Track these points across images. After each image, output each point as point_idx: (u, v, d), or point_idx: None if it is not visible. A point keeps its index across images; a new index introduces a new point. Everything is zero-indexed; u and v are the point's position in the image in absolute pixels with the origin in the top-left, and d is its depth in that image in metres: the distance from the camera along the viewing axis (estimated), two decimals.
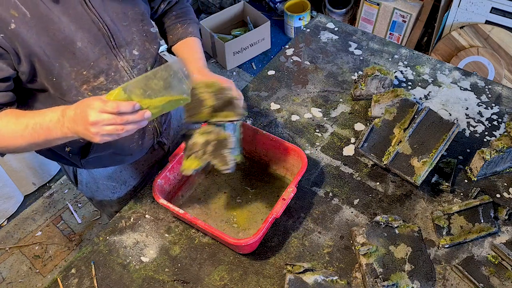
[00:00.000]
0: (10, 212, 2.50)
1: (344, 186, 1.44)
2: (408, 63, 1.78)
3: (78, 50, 1.10)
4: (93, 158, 1.32)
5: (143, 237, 1.35)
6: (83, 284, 1.27)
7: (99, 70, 1.15)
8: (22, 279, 2.28)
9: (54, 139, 1.02)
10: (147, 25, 1.24)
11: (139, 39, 1.22)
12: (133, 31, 1.21)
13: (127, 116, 0.94)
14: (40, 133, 1.01)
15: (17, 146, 1.06)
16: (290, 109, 1.66)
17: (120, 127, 0.95)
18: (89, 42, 1.11)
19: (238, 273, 1.27)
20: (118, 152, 1.33)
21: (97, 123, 0.93)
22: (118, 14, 1.17)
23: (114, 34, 1.15)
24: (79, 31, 1.09)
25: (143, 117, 0.97)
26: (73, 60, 1.10)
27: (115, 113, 0.93)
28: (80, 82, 1.13)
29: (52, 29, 1.05)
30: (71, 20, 1.08)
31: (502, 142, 1.36)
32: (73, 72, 1.11)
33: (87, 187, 1.48)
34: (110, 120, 0.93)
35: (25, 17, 1.02)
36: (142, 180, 1.55)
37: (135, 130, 0.99)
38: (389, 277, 1.20)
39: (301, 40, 1.89)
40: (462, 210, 1.32)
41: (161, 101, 1.00)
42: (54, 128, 0.99)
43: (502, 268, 1.24)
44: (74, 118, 0.96)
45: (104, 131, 0.94)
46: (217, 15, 3.20)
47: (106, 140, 0.96)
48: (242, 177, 1.47)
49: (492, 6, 2.56)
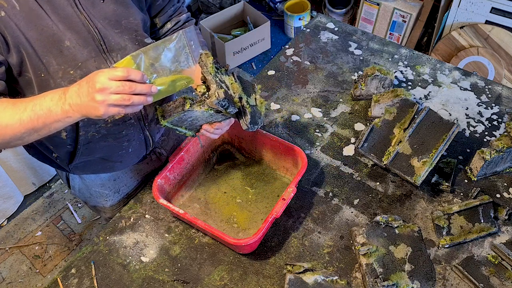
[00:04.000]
0: (10, 212, 2.50)
1: (344, 186, 1.44)
2: (408, 63, 1.78)
3: (66, 49, 1.08)
4: (81, 163, 1.29)
5: (143, 237, 1.35)
6: (83, 284, 1.27)
7: (87, 72, 1.11)
8: (22, 279, 2.28)
9: (54, 121, 0.98)
10: (141, 36, 1.21)
11: (132, 47, 1.19)
12: (125, 38, 1.18)
13: (136, 85, 0.92)
14: (40, 114, 0.96)
15: (13, 134, 1.00)
16: (290, 109, 1.66)
17: (127, 97, 0.91)
18: (77, 43, 1.10)
19: (238, 273, 1.27)
20: (106, 158, 1.30)
21: (104, 89, 0.90)
22: (110, 21, 1.15)
23: (105, 38, 1.13)
24: (67, 31, 1.08)
25: (150, 89, 0.94)
26: (60, 58, 1.08)
27: (124, 79, 0.91)
28: (67, 82, 1.10)
29: (40, 24, 1.04)
30: (60, 20, 1.07)
31: (502, 142, 1.36)
32: (60, 71, 1.09)
33: (80, 192, 1.47)
34: (118, 87, 0.90)
35: (14, 9, 1.01)
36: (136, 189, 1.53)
37: (140, 108, 0.97)
38: (389, 277, 1.20)
39: (301, 40, 1.89)
40: (462, 210, 1.32)
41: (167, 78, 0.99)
42: (54, 107, 0.96)
43: (502, 268, 1.24)
44: (78, 92, 0.93)
45: (111, 100, 0.91)
46: (217, 15, 3.20)
47: (111, 112, 0.93)
48: (242, 177, 1.47)
49: (492, 6, 2.56)
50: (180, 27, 1.36)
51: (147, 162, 1.48)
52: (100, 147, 1.25)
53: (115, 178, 1.45)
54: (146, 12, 1.26)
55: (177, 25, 1.35)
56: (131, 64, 0.96)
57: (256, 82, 1.75)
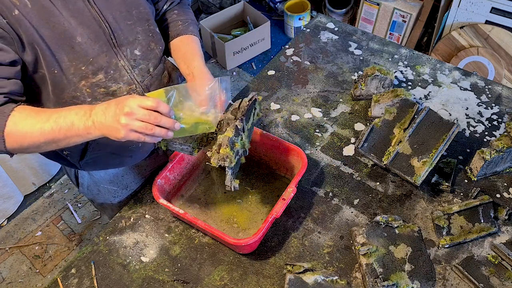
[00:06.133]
0: (10, 212, 2.50)
1: (344, 186, 1.44)
2: (408, 63, 1.78)
3: (78, 45, 1.09)
4: (92, 159, 1.31)
5: (143, 237, 1.35)
6: (83, 284, 1.27)
7: (98, 67, 1.14)
8: (22, 279, 2.28)
9: (75, 135, 1.00)
10: (152, 25, 1.24)
11: (144, 39, 1.22)
12: (138, 30, 1.20)
13: (161, 117, 0.96)
14: (62, 126, 0.99)
15: (32, 142, 1.02)
16: (290, 109, 1.66)
17: (150, 126, 0.95)
18: (89, 38, 1.11)
19: (238, 273, 1.27)
20: (116, 152, 1.32)
21: (131, 114, 0.93)
22: (122, 12, 1.16)
23: (115, 32, 1.15)
24: (79, 26, 1.09)
25: (173, 125, 0.98)
26: (72, 54, 1.09)
27: (152, 109, 0.94)
28: (78, 78, 1.12)
29: (52, 21, 1.05)
30: (72, 15, 1.08)
31: (502, 142, 1.36)
32: (72, 67, 1.10)
33: (88, 189, 1.48)
34: (145, 116, 0.94)
35: (26, 7, 1.02)
36: (144, 185, 1.54)
37: (159, 139, 1.00)
38: (389, 277, 1.20)
39: (301, 40, 1.89)
40: (462, 210, 1.32)
41: (192, 119, 1.03)
42: (78, 121, 0.98)
43: (502, 268, 1.24)
44: (105, 111, 0.96)
45: (134, 126, 0.94)
46: (217, 15, 3.20)
47: (130, 137, 0.96)
48: (242, 177, 1.47)
49: (492, 6, 2.56)
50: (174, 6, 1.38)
51: (154, 157, 1.49)
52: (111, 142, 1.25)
53: (123, 174, 1.47)
54: (151, 1, 1.28)
55: (172, 5, 1.37)
56: (162, 97, 1.00)
57: (256, 82, 1.75)
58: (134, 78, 1.21)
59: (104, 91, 1.17)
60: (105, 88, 1.17)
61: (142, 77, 1.23)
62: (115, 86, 1.18)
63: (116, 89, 1.19)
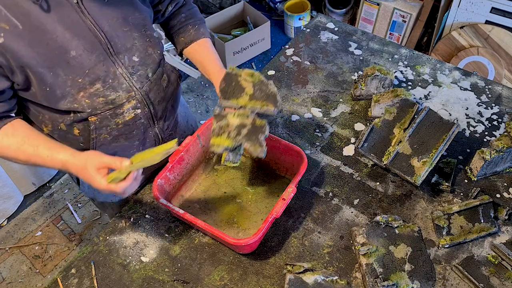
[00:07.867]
0: (10, 212, 2.50)
1: (344, 186, 1.44)
2: (408, 63, 1.78)
3: (72, 59, 1.10)
4: None
5: (143, 237, 1.35)
6: (83, 284, 1.27)
7: (95, 77, 1.14)
8: (22, 279, 2.28)
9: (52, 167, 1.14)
10: (149, 30, 1.24)
11: (141, 44, 1.22)
12: (134, 36, 1.20)
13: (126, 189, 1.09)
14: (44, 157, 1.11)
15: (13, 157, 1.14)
16: (290, 109, 1.66)
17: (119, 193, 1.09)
18: (84, 49, 1.11)
19: (238, 273, 1.27)
20: (117, 153, 1.32)
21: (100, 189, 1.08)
22: (117, 19, 1.15)
23: (112, 41, 1.15)
24: (74, 39, 1.09)
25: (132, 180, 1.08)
26: (68, 69, 1.10)
27: None
28: (76, 90, 1.13)
29: (45, 39, 1.05)
30: (66, 28, 1.07)
31: (502, 142, 1.36)
32: (69, 80, 1.11)
33: (89, 188, 1.48)
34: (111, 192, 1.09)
35: (17, 28, 1.02)
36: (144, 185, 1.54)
37: None
38: (389, 277, 1.20)
39: (301, 40, 1.89)
40: (462, 210, 1.32)
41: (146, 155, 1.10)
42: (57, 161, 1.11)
43: (502, 268, 1.24)
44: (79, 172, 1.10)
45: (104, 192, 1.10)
46: (217, 15, 3.20)
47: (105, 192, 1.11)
48: (242, 177, 1.47)
49: (492, 6, 2.56)
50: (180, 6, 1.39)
51: None
52: (112, 148, 1.27)
53: None
54: (148, 4, 1.27)
55: (176, 6, 1.38)
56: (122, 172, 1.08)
57: None
58: (133, 85, 1.21)
59: (103, 100, 1.18)
60: (103, 97, 1.17)
61: (141, 83, 1.23)
62: (114, 95, 1.19)
63: (115, 98, 1.19)
